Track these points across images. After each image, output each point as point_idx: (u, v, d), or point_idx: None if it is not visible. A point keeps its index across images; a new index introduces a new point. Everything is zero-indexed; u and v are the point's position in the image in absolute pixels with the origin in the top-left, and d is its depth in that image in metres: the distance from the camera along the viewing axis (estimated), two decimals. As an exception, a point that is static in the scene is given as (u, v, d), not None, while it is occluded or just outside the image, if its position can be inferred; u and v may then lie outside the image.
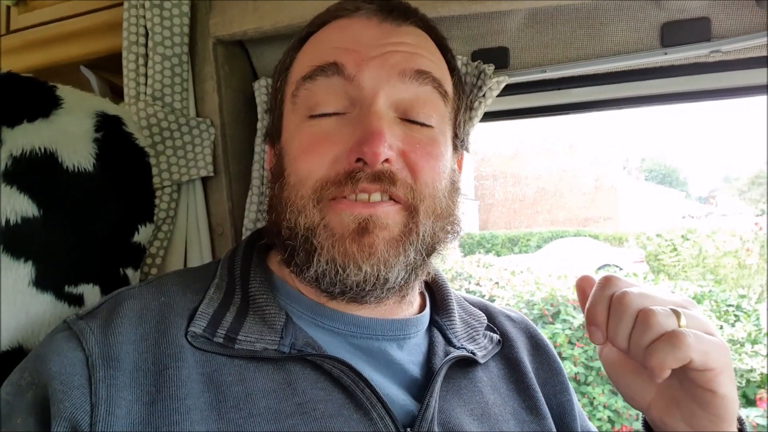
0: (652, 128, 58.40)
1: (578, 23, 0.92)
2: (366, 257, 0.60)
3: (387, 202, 0.62)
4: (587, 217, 21.44)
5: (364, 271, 0.60)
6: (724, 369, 0.53)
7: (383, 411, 0.58)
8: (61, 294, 0.74)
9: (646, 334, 0.52)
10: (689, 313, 0.54)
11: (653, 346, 0.52)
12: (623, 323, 0.54)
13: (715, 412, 0.56)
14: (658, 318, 0.52)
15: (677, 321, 0.53)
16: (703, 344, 0.52)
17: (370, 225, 0.60)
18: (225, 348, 0.59)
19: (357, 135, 0.61)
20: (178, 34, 0.97)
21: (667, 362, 0.51)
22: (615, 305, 0.55)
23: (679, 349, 0.50)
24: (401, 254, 0.61)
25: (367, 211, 0.60)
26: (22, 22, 1.17)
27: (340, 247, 0.60)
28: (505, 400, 0.71)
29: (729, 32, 0.87)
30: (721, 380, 0.53)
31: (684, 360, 0.51)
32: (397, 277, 0.62)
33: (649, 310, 0.53)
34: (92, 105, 0.83)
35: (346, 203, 0.61)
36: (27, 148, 0.72)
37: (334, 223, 0.61)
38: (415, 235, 0.62)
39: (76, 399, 0.51)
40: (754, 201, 25.91)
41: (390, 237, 0.61)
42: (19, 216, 0.70)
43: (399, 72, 0.64)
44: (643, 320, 0.53)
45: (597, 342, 0.57)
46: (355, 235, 0.60)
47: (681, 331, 0.51)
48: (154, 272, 0.96)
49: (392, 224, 0.62)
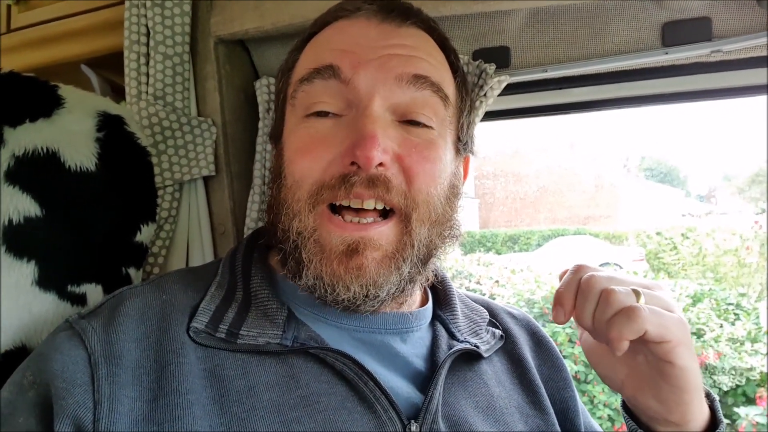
0: (652, 127, 58.36)
1: (579, 23, 0.92)
2: (354, 278, 0.60)
3: (380, 222, 0.62)
4: (588, 215, 21.44)
5: (353, 291, 0.60)
6: (681, 341, 0.57)
7: (387, 403, 0.59)
8: (64, 293, 0.74)
9: (606, 310, 0.57)
10: (650, 292, 0.59)
11: (612, 319, 0.56)
12: (588, 302, 0.59)
13: (675, 383, 0.59)
14: (617, 295, 0.57)
15: (636, 299, 0.57)
16: (659, 318, 0.56)
17: (360, 246, 0.60)
18: (227, 343, 0.59)
19: (351, 138, 0.61)
20: (180, 33, 0.97)
21: (624, 333, 0.55)
22: (582, 287, 0.60)
23: (635, 321, 0.55)
24: (393, 272, 0.62)
25: (358, 234, 0.61)
26: (22, 21, 1.16)
27: (327, 267, 0.60)
28: (509, 393, 0.71)
29: (730, 32, 0.87)
30: (678, 351, 0.57)
31: (639, 331, 0.55)
32: (389, 291, 0.62)
33: (611, 289, 0.58)
34: (94, 104, 0.83)
35: (338, 223, 0.61)
36: (29, 147, 0.72)
37: (324, 240, 0.61)
38: (409, 248, 0.62)
39: (78, 397, 0.52)
40: (754, 199, 25.91)
41: (382, 256, 0.61)
42: (22, 215, 0.70)
43: (396, 76, 0.64)
44: (605, 298, 0.57)
45: (558, 321, 0.61)
46: (343, 257, 0.60)
47: (637, 306, 0.56)
48: (156, 271, 0.96)
49: (386, 244, 0.62)
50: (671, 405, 0.61)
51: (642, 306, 0.56)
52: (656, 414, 0.63)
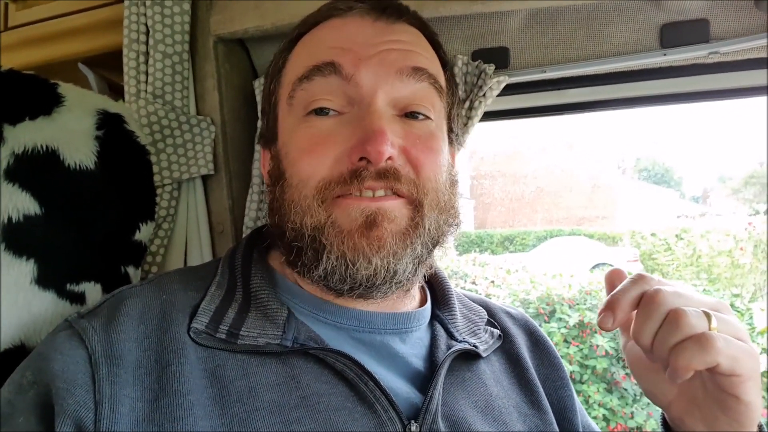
0: (647, 128, 58.59)
1: (578, 24, 0.93)
2: (375, 250, 0.60)
3: (392, 196, 0.62)
4: (583, 216, 21.50)
5: (374, 264, 0.60)
6: (751, 376, 0.52)
7: (387, 404, 0.59)
8: (63, 292, 0.74)
9: (675, 334, 0.51)
10: (721, 316, 0.53)
11: (680, 345, 0.51)
12: (651, 320, 0.53)
13: (736, 418, 0.55)
14: (688, 319, 0.51)
15: (708, 323, 0.52)
16: (732, 349, 0.51)
17: (378, 218, 0.60)
18: (227, 343, 0.59)
19: (358, 134, 0.61)
20: (179, 32, 0.97)
21: (693, 364, 0.50)
22: (646, 302, 0.54)
23: (707, 352, 0.50)
24: (408, 247, 0.62)
25: (375, 205, 0.61)
26: (20, 19, 1.16)
27: (349, 242, 0.60)
28: (507, 393, 0.71)
29: (728, 34, 0.87)
30: (747, 387, 0.53)
31: (711, 363, 0.50)
32: (406, 269, 0.62)
33: (681, 310, 0.52)
34: (93, 103, 0.83)
35: (352, 198, 0.61)
36: (29, 145, 0.72)
37: (342, 220, 0.61)
38: (421, 228, 0.63)
39: (79, 397, 0.51)
40: (748, 201, 26.06)
41: (397, 230, 0.62)
42: (21, 214, 0.70)
43: (396, 70, 0.64)
44: (673, 319, 0.52)
45: (605, 328, 0.56)
46: (364, 229, 0.60)
47: (711, 334, 0.50)
48: (154, 270, 0.96)
49: (399, 217, 0.62)
50: None
51: (715, 334, 0.50)
52: None
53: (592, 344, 4.00)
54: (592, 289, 4.51)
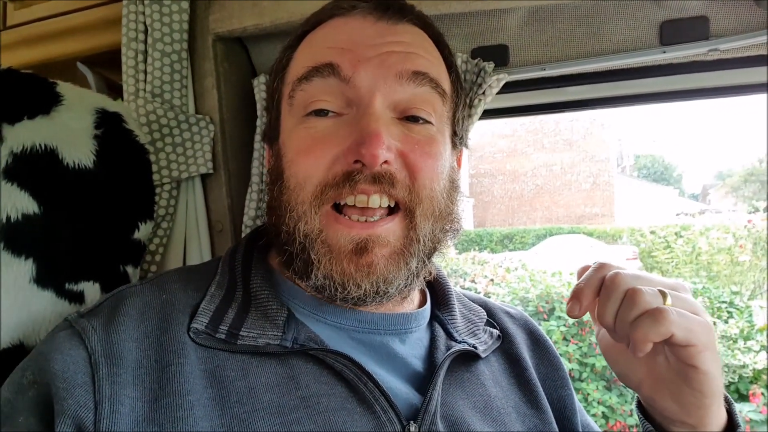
0: (646, 126, 58.54)
1: (578, 21, 0.92)
2: (365, 276, 0.60)
3: (386, 219, 0.62)
4: (583, 214, 21.51)
5: (364, 288, 0.60)
6: (706, 346, 0.56)
7: (386, 404, 0.59)
8: (62, 291, 0.74)
9: (632, 310, 0.55)
10: (676, 294, 0.57)
11: (637, 320, 0.54)
12: (611, 301, 0.57)
13: (698, 387, 0.58)
14: (644, 296, 0.55)
15: (663, 300, 0.56)
16: (686, 321, 0.54)
17: (369, 244, 0.60)
18: (227, 344, 0.59)
19: (354, 136, 0.61)
20: (178, 30, 0.96)
21: (650, 336, 0.53)
22: (606, 284, 0.58)
23: (662, 324, 0.53)
24: (402, 268, 0.62)
25: (366, 233, 0.61)
26: (18, 18, 1.15)
27: (337, 266, 0.60)
28: (506, 393, 0.71)
29: (727, 31, 0.87)
30: (703, 357, 0.56)
31: (665, 334, 0.53)
32: (398, 287, 0.63)
33: (637, 289, 0.56)
34: (92, 102, 0.82)
35: (345, 222, 0.61)
36: (27, 144, 0.71)
37: (332, 241, 0.61)
38: (415, 243, 0.63)
39: (79, 397, 0.51)
40: (747, 198, 26.07)
41: (390, 252, 0.62)
42: (20, 213, 0.69)
43: (396, 73, 0.64)
44: (630, 297, 0.56)
45: (572, 315, 0.60)
46: (352, 256, 0.60)
47: (664, 308, 0.54)
48: (153, 269, 0.96)
49: (393, 240, 0.62)
50: (690, 408, 0.60)
51: (669, 308, 0.54)
52: (673, 415, 0.62)
53: (591, 342, 4.01)
54: (592, 287, 4.51)
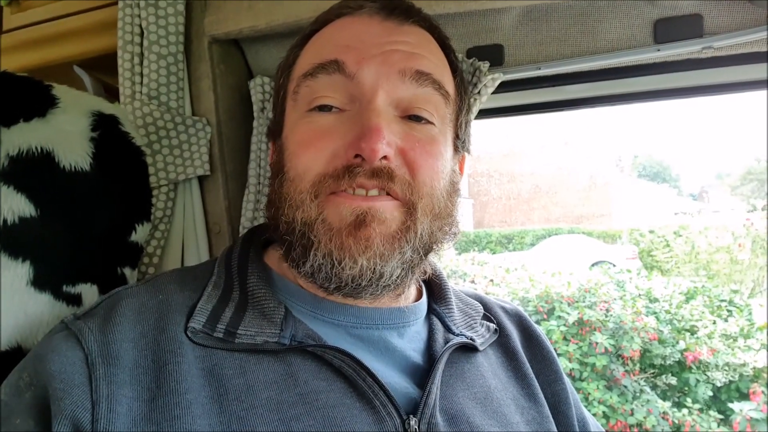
0: (644, 125, 58.61)
1: (572, 20, 0.93)
2: (362, 250, 0.60)
3: (385, 197, 0.62)
4: (581, 214, 21.50)
5: (360, 264, 0.60)
6: None
7: (386, 399, 0.59)
8: (59, 293, 0.74)
9: None
10: None
11: None
12: None
13: None
14: None
15: None
16: None
17: (368, 218, 0.60)
18: (225, 342, 0.59)
19: (356, 131, 0.61)
20: (174, 32, 0.97)
21: None
22: None
23: None
24: (397, 251, 0.62)
25: (366, 204, 0.61)
26: (14, 22, 1.15)
27: (337, 240, 0.60)
28: (505, 386, 0.72)
29: (721, 29, 0.88)
30: None
31: None
32: (393, 273, 0.62)
33: None
34: (88, 104, 0.83)
35: (344, 196, 0.61)
36: (24, 147, 0.71)
37: (332, 218, 0.61)
38: (412, 233, 0.63)
39: (76, 397, 0.51)
40: (746, 197, 26.10)
41: (387, 232, 0.61)
42: (17, 216, 0.69)
43: (399, 71, 0.64)
44: None
45: None
46: (352, 228, 0.60)
47: None
48: (151, 271, 0.96)
49: (390, 219, 0.62)
50: None
51: None
52: None
53: (591, 342, 4.01)
54: (591, 287, 4.52)
